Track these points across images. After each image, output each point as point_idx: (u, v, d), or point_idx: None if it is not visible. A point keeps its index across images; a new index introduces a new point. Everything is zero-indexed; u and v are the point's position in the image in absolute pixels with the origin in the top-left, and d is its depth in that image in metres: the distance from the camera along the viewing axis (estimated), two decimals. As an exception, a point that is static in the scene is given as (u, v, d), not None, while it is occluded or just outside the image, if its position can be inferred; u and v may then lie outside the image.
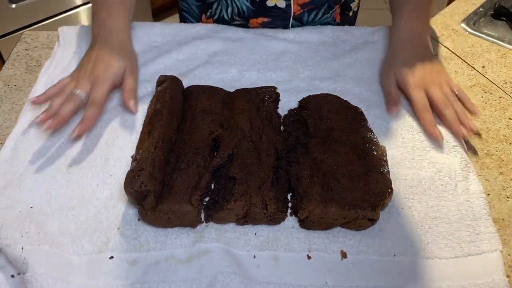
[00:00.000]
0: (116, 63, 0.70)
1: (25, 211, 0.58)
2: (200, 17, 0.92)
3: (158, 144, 0.59)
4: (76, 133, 0.64)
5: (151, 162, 0.56)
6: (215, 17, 0.89)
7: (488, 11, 0.96)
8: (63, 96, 0.67)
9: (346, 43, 0.85)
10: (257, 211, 0.56)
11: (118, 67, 0.70)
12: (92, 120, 0.66)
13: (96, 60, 0.70)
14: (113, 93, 0.74)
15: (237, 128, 0.64)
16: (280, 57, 0.82)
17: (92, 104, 0.66)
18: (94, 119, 0.67)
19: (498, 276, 0.54)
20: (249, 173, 0.59)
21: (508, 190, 0.64)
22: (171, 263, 0.54)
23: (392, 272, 0.54)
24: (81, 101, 0.67)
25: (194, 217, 0.56)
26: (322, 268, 0.54)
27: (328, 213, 0.56)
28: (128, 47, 0.75)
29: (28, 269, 0.51)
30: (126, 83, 0.71)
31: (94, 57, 0.70)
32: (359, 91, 0.76)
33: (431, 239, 0.57)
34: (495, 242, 0.57)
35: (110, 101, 0.72)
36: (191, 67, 0.79)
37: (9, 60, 0.81)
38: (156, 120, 0.62)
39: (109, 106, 0.72)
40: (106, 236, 0.56)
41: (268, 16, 0.87)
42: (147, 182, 0.54)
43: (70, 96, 0.66)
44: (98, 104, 0.67)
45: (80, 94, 0.67)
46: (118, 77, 0.70)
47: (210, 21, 0.90)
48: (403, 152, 0.67)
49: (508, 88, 0.79)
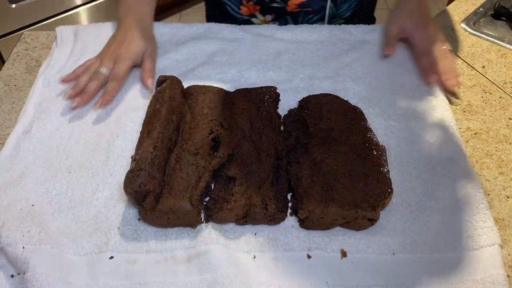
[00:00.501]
0: (138, 44, 0.76)
1: (26, 209, 0.58)
2: (241, 1, 0.92)
3: (157, 144, 0.59)
4: (99, 105, 0.70)
5: (150, 162, 0.56)
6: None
7: (488, 11, 0.96)
8: (89, 74, 0.73)
9: (344, 42, 0.86)
10: (257, 211, 0.56)
11: (139, 47, 0.76)
12: (113, 93, 0.72)
13: (119, 41, 0.76)
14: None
15: (237, 128, 0.64)
16: (279, 57, 0.82)
17: (114, 78, 0.73)
18: (115, 92, 0.73)
19: (496, 270, 0.54)
20: (249, 173, 0.59)
21: (508, 190, 0.64)
22: (171, 263, 0.54)
23: (392, 271, 0.54)
24: (105, 78, 0.73)
25: (194, 217, 0.56)
26: (322, 267, 0.54)
27: (328, 213, 0.56)
28: (150, 34, 0.80)
29: (29, 268, 0.51)
30: (145, 63, 0.76)
31: (118, 39, 0.76)
32: (358, 90, 0.76)
33: (430, 236, 0.57)
34: (494, 236, 0.57)
35: (111, 102, 0.73)
36: (190, 67, 0.79)
37: (9, 60, 0.81)
38: (155, 120, 0.62)
39: (110, 107, 0.72)
40: (106, 236, 0.56)
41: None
42: (146, 182, 0.54)
43: (95, 74, 0.73)
44: (118, 79, 0.73)
45: (104, 71, 0.73)
46: (138, 57, 0.76)
47: (251, 4, 0.90)
48: (402, 150, 0.67)
49: (508, 88, 0.79)
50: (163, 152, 0.59)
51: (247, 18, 0.92)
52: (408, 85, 0.77)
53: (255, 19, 0.92)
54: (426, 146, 0.68)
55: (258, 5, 0.89)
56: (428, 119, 0.72)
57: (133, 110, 0.71)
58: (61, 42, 0.83)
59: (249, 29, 0.87)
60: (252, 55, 0.82)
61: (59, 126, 0.69)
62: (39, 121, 0.69)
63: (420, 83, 0.78)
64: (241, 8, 0.91)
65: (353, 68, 0.80)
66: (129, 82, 0.76)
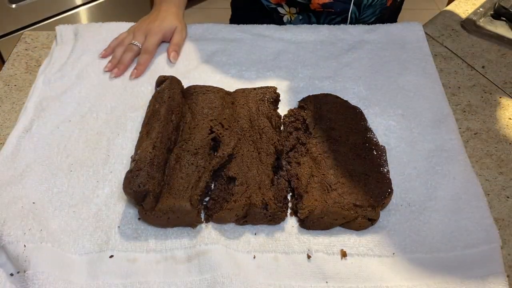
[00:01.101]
0: (170, 21, 0.82)
1: (27, 207, 0.58)
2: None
3: (156, 144, 0.59)
4: (134, 76, 0.77)
5: (149, 162, 0.56)
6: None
7: (488, 11, 0.96)
8: (123, 47, 0.80)
9: (343, 42, 0.86)
10: (257, 211, 0.56)
11: (170, 23, 0.82)
12: (145, 64, 0.78)
13: (152, 19, 0.83)
14: (114, 94, 0.74)
15: (237, 128, 0.64)
16: (279, 57, 0.82)
17: (145, 51, 0.79)
18: (147, 63, 0.79)
19: (496, 269, 0.54)
20: (249, 173, 0.59)
21: (508, 190, 0.64)
22: (171, 263, 0.54)
23: (392, 271, 0.54)
24: (138, 50, 0.79)
25: (194, 216, 0.56)
26: (322, 267, 0.54)
27: (328, 213, 0.56)
28: (181, 18, 0.86)
29: (30, 267, 0.51)
30: (174, 38, 0.82)
31: (151, 17, 0.83)
32: (358, 90, 0.76)
33: (430, 236, 0.57)
34: (494, 236, 0.57)
35: (110, 101, 0.73)
36: (190, 67, 0.80)
37: (9, 60, 0.81)
38: (155, 121, 0.62)
39: (111, 106, 0.72)
40: (106, 234, 0.56)
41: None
42: (145, 182, 0.54)
43: (129, 46, 0.79)
44: (149, 52, 0.79)
45: (136, 44, 0.79)
46: (168, 33, 0.82)
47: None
48: (402, 150, 0.67)
49: (508, 88, 0.79)
50: (162, 152, 0.59)
51: (274, 6, 0.93)
52: (408, 85, 0.77)
53: (281, 9, 0.93)
54: (426, 146, 0.68)
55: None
56: (428, 119, 0.72)
57: (133, 109, 0.71)
58: (61, 41, 0.83)
59: (248, 29, 0.88)
60: (252, 55, 0.82)
61: (59, 124, 0.69)
62: (40, 120, 0.69)
63: (420, 83, 0.78)
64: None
65: (353, 68, 0.80)
66: (129, 81, 0.76)
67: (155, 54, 0.81)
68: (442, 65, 0.83)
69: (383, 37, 0.87)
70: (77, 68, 0.78)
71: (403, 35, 0.87)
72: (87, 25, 0.87)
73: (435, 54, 0.85)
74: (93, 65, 0.79)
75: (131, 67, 0.79)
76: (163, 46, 0.83)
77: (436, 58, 0.84)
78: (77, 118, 0.70)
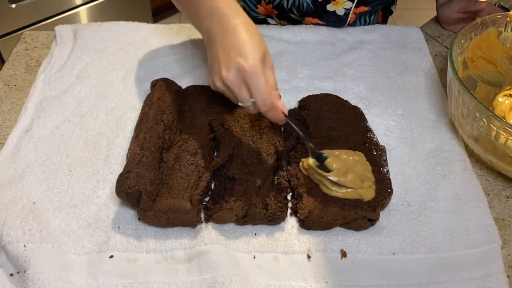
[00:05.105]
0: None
1: (27, 207, 0.58)
2: (260, 0, 0.91)
3: (144, 145, 0.59)
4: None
5: (137, 163, 0.56)
6: (275, 3, 0.89)
7: (488, 11, 0.96)
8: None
9: (343, 42, 0.86)
10: (257, 211, 0.56)
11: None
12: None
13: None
14: (114, 94, 0.74)
15: (237, 128, 0.64)
16: (279, 57, 0.82)
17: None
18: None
19: (496, 270, 0.54)
20: (249, 173, 0.59)
21: (508, 190, 0.64)
22: (171, 263, 0.54)
23: (392, 271, 0.54)
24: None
25: (193, 216, 0.56)
26: (322, 267, 0.54)
27: (328, 213, 0.56)
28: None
29: (30, 267, 0.51)
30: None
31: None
32: (358, 90, 0.76)
33: (430, 236, 0.57)
34: (494, 236, 0.57)
35: (110, 101, 0.73)
36: (189, 67, 0.79)
37: (9, 60, 0.81)
38: (143, 123, 0.62)
39: (111, 106, 0.72)
40: (106, 235, 0.56)
41: (324, 19, 0.88)
42: (135, 182, 0.54)
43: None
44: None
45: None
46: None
47: (269, 7, 0.90)
48: (402, 150, 0.67)
49: (508, 88, 0.79)
50: (152, 151, 0.59)
51: (263, 18, 0.93)
52: (408, 85, 0.77)
53: (271, 20, 0.93)
54: (426, 146, 0.68)
55: (276, 10, 0.90)
56: (428, 119, 0.72)
57: (133, 109, 0.71)
58: (61, 41, 0.83)
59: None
60: (252, 55, 0.82)
61: (59, 124, 0.69)
62: (40, 120, 0.69)
63: (420, 83, 0.78)
64: (258, 7, 0.91)
65: (353, 68, 0.80)
66: (129, 82, 0.76)
67: (155, 55, 0.80)
68: (442, 65, 0.83)
69: (383, 37, 0.87)
70: (77, 68, 0.78)
71: (403, 35, 0.87)
72: (87, 25, 0.86)
73: (435, 54, 0.85)
74: (93, 65, 0.79)
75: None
76: (163, 46, 0.83)
77: (436, 58, 0.84)
78: (77, 118, 0.70)
